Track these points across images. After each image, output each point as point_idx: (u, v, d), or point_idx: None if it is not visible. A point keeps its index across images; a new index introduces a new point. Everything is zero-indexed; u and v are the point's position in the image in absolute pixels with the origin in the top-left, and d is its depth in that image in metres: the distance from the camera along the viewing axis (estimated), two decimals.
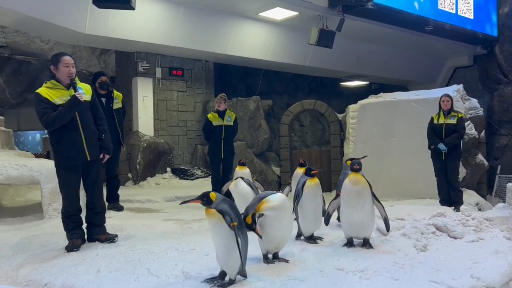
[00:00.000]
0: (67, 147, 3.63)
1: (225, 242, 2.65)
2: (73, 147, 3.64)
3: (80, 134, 3.66)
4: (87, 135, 3.69)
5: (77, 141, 3.64)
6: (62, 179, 3.74)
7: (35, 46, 10.59)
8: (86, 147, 3.68)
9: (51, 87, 3.60)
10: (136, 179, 8.19)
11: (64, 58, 3.62)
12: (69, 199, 3.75)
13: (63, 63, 3.59)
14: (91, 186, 3.85)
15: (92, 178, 3.82)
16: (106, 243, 3.84)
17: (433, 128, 5.76)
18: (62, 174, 3.73)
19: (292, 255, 3.25)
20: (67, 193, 3.75)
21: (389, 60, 11.20)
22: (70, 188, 3.73)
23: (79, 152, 3.66)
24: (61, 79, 3.61)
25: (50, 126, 3.60)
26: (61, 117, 3.54)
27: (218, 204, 2.66)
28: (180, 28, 8.03)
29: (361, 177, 3.36)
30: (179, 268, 3.02)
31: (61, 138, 3.62)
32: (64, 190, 3.76)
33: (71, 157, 3.65)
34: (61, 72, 3.59)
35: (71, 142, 3.63)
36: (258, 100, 9.51)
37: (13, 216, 5.23)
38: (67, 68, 3.59)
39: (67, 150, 3.63)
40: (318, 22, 8.25)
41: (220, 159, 6.35)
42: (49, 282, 2.90)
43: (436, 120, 5.78)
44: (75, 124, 3.63)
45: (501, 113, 10.81)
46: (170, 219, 5.00)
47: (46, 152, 11.28)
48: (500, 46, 11.09)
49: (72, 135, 3.63)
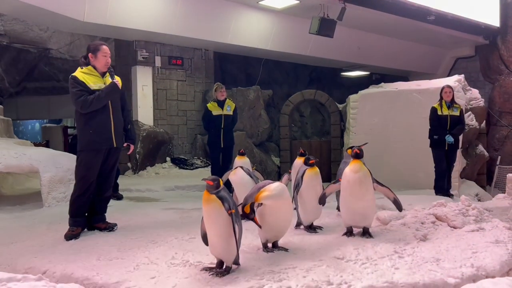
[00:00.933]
0: (97, 131, 3.72)
1: (223, 229, 2.64)
2: (103, 132, 3.74)
3: (110, 121, 3.77)
4: (116, 123, 3.82)
5: (107, 126, 3.75)
6: (84, 162, 3.77)
7: (34, 34, 10.52)
8: (114, 134, 3.78)
9: (87, 73, 3.73)
10: (135, 168, 8.18)
11: (103, 47, 3.77)
12: (85, 183, 3.76)
13: (103, 52, 3.74)
14: (105, 174, 3.90)
15: (109, 166, 3.89)
16: (106, 231, 3.85)
17: (438, 119, 5.87)
18: (85, 157, 3.76)
19: (291, 244, 3.24)
20: (85, 177, 3.76)
21: (390, 50, 11.13)
22: (89, 171, 3.76)
23: (107, 137, 3.76)
24: (98, 67, 3.75)
25: (86, 108, 3.67)
26: (98, 100, 3.66)
27: (219, 191, 2.67)
28: (180, 17, 7.95)
29: (362, 164, 3.34)
30: (178, 257, 3.02)
31: (91, 121, 3.71)
32: (82, 173, 3.77)
33: (98, 141, 3.73)
34: (99, 60, 3.73)
35: (101, 127, 3.73)
36: (258, 90, 9.47)
37: (13, 204, 5.23)
38: (105, 57, 3.75)
39: (96, 134, 3.72)
40: (319, 11, 8.17)
41: (220, 149, 6.34)
42: (48, 270, 2.90)
43: (440, 111, 5.89)
44: (107, 111, 3.75)
45: (502, 104, 10.77)
46: (170, 208, 5.00)
47: (46, 141, 11.26)
48: (502, 37, 11.01)
49: (103, 120, 3.74)
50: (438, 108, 5.89)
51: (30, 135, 16.57)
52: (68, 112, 13.43)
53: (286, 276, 2.56)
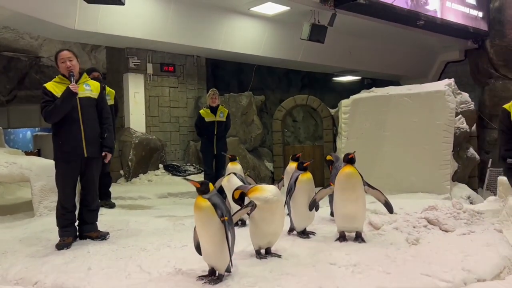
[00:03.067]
0: (66, 141, 3.65)
1: (215, 236, 2.63)
2: (72, 141, 3.65)
3: (80, 130, 3.67)
4: (87, 131, 3.70)
5: (76, 136, 3.66)
6: (59, 173, 3.74)
7: (25, 43, 10.45)
8: (84, 143, 3.68)
9: (58, 82, 3.72)
10: (128, 176, 8.14)
11: (59, 54, 3.74)
12: (64, 194, 3.73)
13: (60, 59, 3.72)
14: (88, 184, 3.84)
15: (89, 176, 3.82)
16: (98, 240, 3.82)
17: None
18: (60, 168, 3.73)
19: (284, 250, 3.24)
20: (63, 188, 3.74)
21: (381, 55, 11.22)
22: (66, 183, 3.73)
23: (77, 147, 3.66)
24: (64, 74, 3.71)
25: (48, 119, 3.64)
26: (55, 108, 3.58)
27: (212, 196, 2.66)
28: (171, 23, 7.96)
29: (354, 169, 3.36)
30: (171, 265, 3.01)
31: (60, 131, 3.66)
32: (60, 184, 3.75)
33: (69, 152, 3.66)
34: (61, 68, 3.72)
35: (70, 137, 3.65)
36: (251, 95, 9.49)
37: (3, 214, 5.17)
38: (64, 63, 3.69)
39: (65, 144, 3.65)
40: (310, 17, 8.23)
41: (213, 155, 6.33)
42: (39, 280, 2.88)
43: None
44: (76, 118, 3.65)
45: (492, 107, 10.86)
46: (163, 216, 4.98)
47: (37, 150, 11.18)
48: (491, 41, 11.13)
49: (72, 129, 3.65)
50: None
51: (22, 144, 16.44)
52: None
53: (279, 283, 2.57)
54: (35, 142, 12.76)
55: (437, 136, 6.66)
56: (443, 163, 6.69)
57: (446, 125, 6.65)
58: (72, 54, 3.76)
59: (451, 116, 6.72)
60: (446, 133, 6.66)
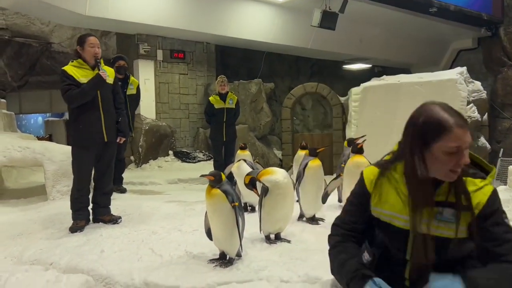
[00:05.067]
0: (86, 126, 3.70)
1: (226, 222, 2.68)
2: (92, 126, 3.71)
3: (100, 115, 3.73)
4: (106, 116, 3.77)
5: (96, 121, 3.72)
6: (77, 158, 3.79)
7: (36, 29, 10.50)
8: (104, 128, 3.75)
9: (77, 66, 3.70)
10: (138, 162, 8.23)
11: (89, 38, 3.72)
12: (81, 178, 3.79)
13: (89, 43, 3.69)
14: (103, 168, 3.91)
15: (106, 160, 3.89)
16: (110, 224, 3.89)
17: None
18: (78, 153, 3.78)
19: (293, 236, 3.27)
20: (79, 172, 3.79)
21: (392, 42, 11.10)
22: (83, 167, 3.78)
23: (97, 132, 3.73)
24: (87, 59, 3.70)
25: (72, 103, 3.66)
26: (83, 94, 3.61)
27: (222, 184, 2.70)
28: (182, 10, 7.95)
29: (363, 158, 3.37)
30: (182, 248, 3.06)
31: (81, 116, 3.69)
32: (77, 168, 3.80)
33: (89, 137, 3.72)
34: (87, 52, 3.68)
35: (91, 122, 3.70)
36: (260, 83, 9.48)
37: (17, 197, 5.28)
38: (93, 48, 3.69)
39: (85, 129, 3.70)
40: (321, 4, 8.15)
41: (222, 142, 6.36)
42: (54, 262, 2.94)
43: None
44: (96, 105, 3.70)
45: (505, 96, 10.74)
46: (173, 201, 5.04)
47: (49, 135, 11.30)
48: (505, 28, 10.95)
49: (93, 114, 3.70)
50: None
51: (33, 129, 16.63)
52: None
53: (288, 267, 2.60)
54: (46, 127, 12.90)
55: None
56: None
57: None
58: (98, 41, 3.79)
59: (463, 104, 6.66)
60: None
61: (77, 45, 3.74)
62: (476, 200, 1.54)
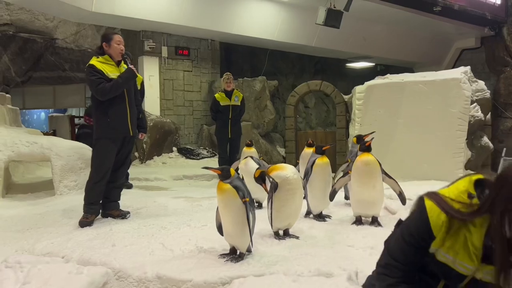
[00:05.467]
0: (115, 119, 3.80)
1: (237, 217, 2.72)
2: (120, 120, 3.83)
3: (127, 110, 3.86)
4: (131, 112, 3.91)
5: (123, 115, 3.84)
6: (100, 150, 3.86)
7: (40, 24, 10.51)
8: (130, 123, 3.87)
9: (104, 62, 3.79)
10: (142, 158, 8.26)
11: (116, 36, 3.85)
12: (100, 170, 3.84)
13: (116, 40, 3.81)
14: (120, 162, 3.98)
15: (124, 154, 3.99)
16: (119, 219, 3.93)
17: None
18: (102, 145, 3.85)
19: (301, 232, 3.32)
20: (102, 164, 3.85)
21: (396, 41, 11.11)
22: (106, 159, 3.84)
23: (124, 126, 3.85)
24: (113, 55, 3.80)
25: (105, 95, 3.74)
26: (116, 87, 3.73)
27: (233, 180, 2.73)
28: (187, 7, 7.97)
29: (371, 156, 3.41)
30: (192, 243, 3.10)
31: (109, 110, 3.79)
32: (99, 161, 3.86)
33: (116, 130, 3.81)
34: (113, 49, 3.79)
35: (119, 116, 3.81)
36: (264, 80, 9.51)
37: (25, 192, 5.32)
38: (119, 45, 3.81)
39: (113, 122, 3.80)
40: (325, 2, 8.16)
41: (227, 139, 6.39)
42: (66, 255, 2.98)
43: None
44: (124, 99, 3.83)
45: (507, 96, 10.78)
46: (180, 197, 5.08)
47: (53, 130, 11.33)
48: (508, 28, 10.97)
49: (120, 108, 3.82)
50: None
51: (36, 125, 16.64)
52: (74, 102, 13.52)
53: (299, 262, 2.64)
54: (50, 123, 12.92)
55: (452, 124, 6.65)
56: (457, 151, 6.69)
57: (461, 113, 6.62)
58: (122, 39, 3.89)
59: (466, 104, 6.69)
60: (461, 121, 6.64)
61: (103, 42, 3.83)
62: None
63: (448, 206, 1.46)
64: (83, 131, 6.92)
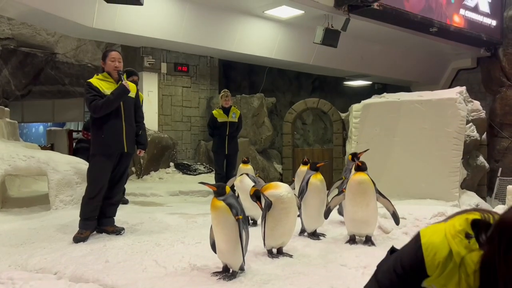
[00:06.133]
0: (109, 135, 3.83)
1: (230, 235, 2.72)
2: (114, 136, 3.85)
3: (122, 126, 3.88)
4: (128, 128, 3.92)
5: (118, 131, 3.86)
6: (96, 166, 3.88)
7: (41, 39, 10.64)
8: (125, 139, 3.89)
9: (102, 79, 3.88)
10: (140, 173, 8.27)
11: (111, 53, 3.93)
12: (96, 186, 3.86)
13: (110, 57, 3.89)
14: (116, 178, 4.00)
15: (120, 171, 4.01)
16: (113, 235, 3.93)
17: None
18: (97, 161, 3.87)
19: (295, 251, 3.32)
20: (96, 180, 3.87)
21: (393, 60, 11.25)
22: (101, 175, 3.86)
23: (118, 142, 3.86)
24: (110, 72, 3.88)
25: (98, 112, 3.79)
26: (108, 103, 3.76)
27: (227, 197, 2.75)
28: (186, 24, 8.08)
29: (366, 175, 3.43)
30: (185, 260, 3.10)
31: (104, 126, 3.82)
32: (94, 176, 3.88)
33: (110, 146, 3.84)
34: (108, 66, 3.88)
35: (113, 131, 3.84)
36: (262, 97, 9.58)
37: (20, 206, 5.30)
38: (113, 62, 3.87)
39: (108, 138, 3.83)
40: (323, 21, 8.30)
41: (225, 155, 6.42)
42: (59, 271, 2.97)
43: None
44: (120, 115, 3.86)
45: (503, 116, 10.86)
46: (175, 213, 5.08)
47: (51, 144, 11.35)
48: (504, 49, 11.12)
49: (115, 125, 3.85)
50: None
51: (34, 138, 16.67)
52: (73, 116, 13.59)
53: (291, 281, 2.64)
54: (48, 136, 12.95)
55: (447, 143, 6.70)
56: (453, 170, 6.72)
57: (456, 132, 6.68)
58: (120, 56, 3.95)
59: (462, 123, 6.75)
60: (456, 141, 6.69)
61: (101, 60, 3.95)
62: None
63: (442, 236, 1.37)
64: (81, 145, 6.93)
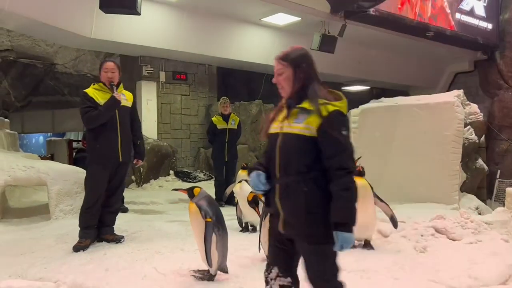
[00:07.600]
0: (104, 145, 3.85)
1: (200, 236, 2.83)
2: (109, 146, 3.87)
3: (117, 136, 3.90)
4: (123, 137, 3.94)
5: (113, 141, 3.88)
6: (92, 175, 3.92)
7: (40, 50, 10.72)
8: (120, 149, 3.90)
9: (98, 89, 3.91)
10: (139, 181, 8.28)
11: (105, 64, 3.97)
12: (93, 196, 3.88)
13: (104, 68, 3.94)
14: (114, 187, 4.02)
15: (117, 180, 4.02)
16: (113, 243, 3.94)
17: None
18: (94, 170, 3.91)
19: None
20: (93, 190, 3.89)
21: (391, 65, 11.30)
22: (97, 184, 3.89)
23: (113, 152, 3.88)
24: (104, 82, 3.91)
25: (90, 124, 3.84)
26: (100, 115, 3.79)
27: (199, 199, 2.81)
28: (184, 33, 8.13)
29: (363, 180, 3.45)
30: (185, 268, 3.11)
31: (99, 136, 3.85)
32: (91, 186, 3.91)
33: (105, 155, 3.86)
34: (102, 76, 3.93)
35: (108, 142, 3.86)
36: (261, 104, 9.62)
37: (20, 216, 5.31)
38: (106, 73, 3.91)
39: (102, 148, 3.85)
40: (320, 28, 8.35)
41: (224, 162, 6.45)
42: (59, 280, 2.98)
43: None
44: (114, 126, 3.88)
45: (502, 118, 10.88)
46: (174, 221, 5.09)
47: (51, 155, 11.37)
48: (500, 52, 11.17)
49: (110, 135, 3.86)
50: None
51: (34, 148, 16.71)
52: (72, 126, 13.62)
53: None
54: (48, 147, 12.98)
55: (446, 146, 6.70)
56: (452, 173, 6.72)
57: (454, 135, 6.69)
58: (116, 66, 3.97)
59: (460, 127, 6.76)
60: (455, 144, 6.70)
61: (98, 70, 4.00)
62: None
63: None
64: (80, 155, 6.99)
